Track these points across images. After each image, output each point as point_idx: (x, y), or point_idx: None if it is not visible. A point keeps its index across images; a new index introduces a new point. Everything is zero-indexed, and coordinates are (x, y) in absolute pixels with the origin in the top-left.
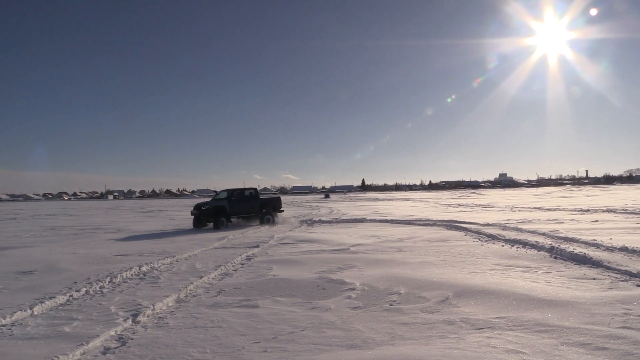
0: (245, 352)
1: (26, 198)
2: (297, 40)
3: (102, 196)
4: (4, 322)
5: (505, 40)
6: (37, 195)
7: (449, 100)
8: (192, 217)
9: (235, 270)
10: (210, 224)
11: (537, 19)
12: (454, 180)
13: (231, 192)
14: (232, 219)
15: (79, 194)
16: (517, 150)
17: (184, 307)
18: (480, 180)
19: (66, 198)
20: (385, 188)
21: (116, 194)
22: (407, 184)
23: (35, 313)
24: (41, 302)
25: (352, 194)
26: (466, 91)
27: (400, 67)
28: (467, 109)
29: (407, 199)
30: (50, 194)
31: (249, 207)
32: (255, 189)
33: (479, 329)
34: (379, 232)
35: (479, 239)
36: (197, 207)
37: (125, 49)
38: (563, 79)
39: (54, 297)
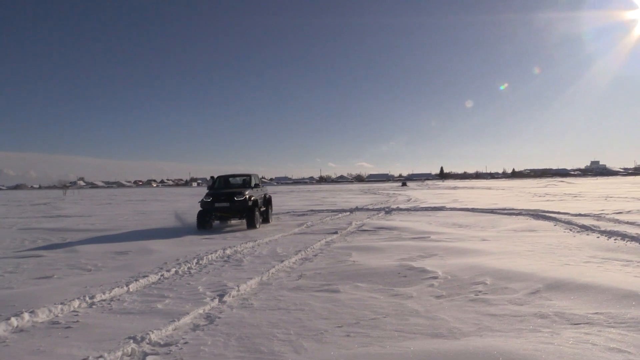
0: (328, 335)
1: (119, 185)
2: (365, 19)
3: (187, 183)
4: (104, 297)
5: (600, 13)
6: (129, 182)
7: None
8: (200, 211)
9: (315, 256)
10: (219, 222)
11: None
12: (540, 168)
13: (247, 179)
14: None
15: (166, 181)
16: (612, 136)
17: (267, 290)
18: (569, 168)
19: (155, 185)
20: (465, 176)
21: (200, 181)
22: (488, 172)
23: (131, 290)
24: (136, 280)
25: (430, 182)
26: (555, 71)
27: (480, 46)
28: (555, 91)
29: (489, 188)
30: (141, 181)
31: (261, 200)
32: (256, 176)
33: (575, 324)
34: (460, 220)
35: (571, 230)
36: (219, 197)
37: (201, 43)
38: None
39: (147, 276)
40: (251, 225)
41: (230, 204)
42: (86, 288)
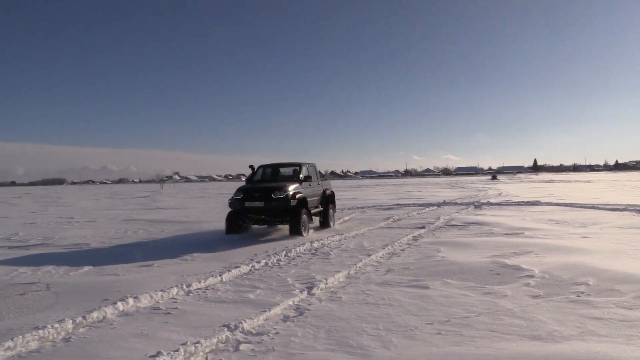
0: (418, 332)
1: (211, 179)
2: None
3: None
4: (199, 285)
5: None
6: (219, 176)
7: None
8: (230, 212)
9: (402, 250)
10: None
11: None
12: None
13: (296, 170)
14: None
15: None
16: None
17: (355, 284)
18: None
19: (243, 178)
20: (560, 169)
21: None
22: (587, 164)
23: (224, 280)
24: (228, 271)
25: (522, 175)
26: None
27: (573, 27)
28: None
29: (589, 181)
30: (231, 175)
31: (317, 198)
32: (311, 166)
33: None
34: (557, 216)
35: None
36: (252, 194)
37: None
38: None
39: (238, 267)
40: (295, 231)
41: (266, 204)
42: (183, 277)
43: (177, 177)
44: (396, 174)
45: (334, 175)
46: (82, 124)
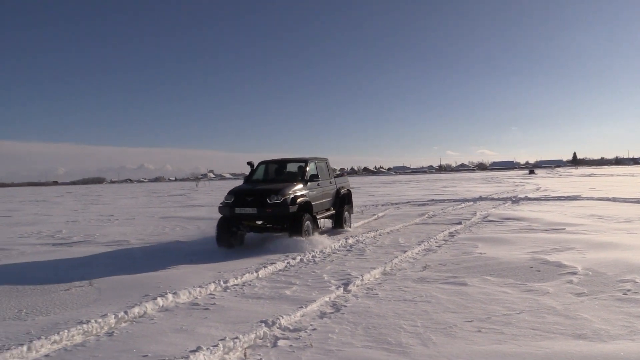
0: (458, 329)
1: (245, 176)
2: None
3: None
4: (236, 282)
5: None
6: None
7: None
8: (220, 218)
9: (438, 247)
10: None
11: None
12: None
13: (301, 167)
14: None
15: None
16: None
17: (391, 280)
18: None
19: None
20: (602, 162)
21: None
22: (630, 157)
23: (260, 276)
24: (264, 267)
25: (561, 169)
26: None
27: (617, 18)
28: None
29: (632, 175)
30: None
31: (327, 200)
32: (320, 162)
33: None
34: (600, 211)
35: None
36: (244, 198)
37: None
38: None
39: (274, 263)
40: (296, 233)
41: (259, 210)
42: (220, 273)
43: (211, 175)
44: (430, 170)
45: (366, 171)
46: (120, 124)
